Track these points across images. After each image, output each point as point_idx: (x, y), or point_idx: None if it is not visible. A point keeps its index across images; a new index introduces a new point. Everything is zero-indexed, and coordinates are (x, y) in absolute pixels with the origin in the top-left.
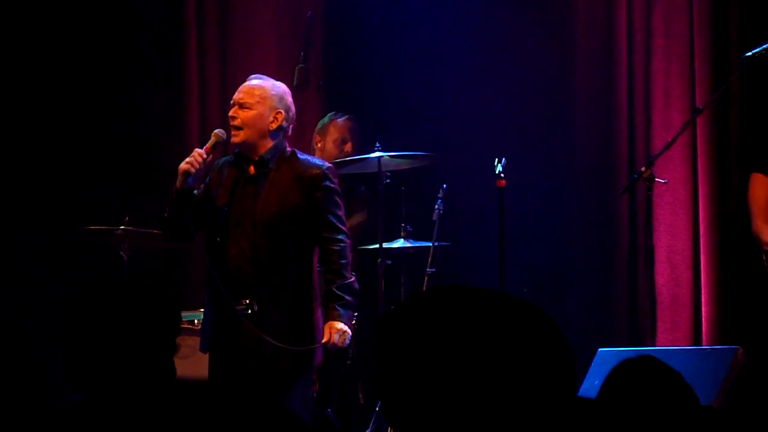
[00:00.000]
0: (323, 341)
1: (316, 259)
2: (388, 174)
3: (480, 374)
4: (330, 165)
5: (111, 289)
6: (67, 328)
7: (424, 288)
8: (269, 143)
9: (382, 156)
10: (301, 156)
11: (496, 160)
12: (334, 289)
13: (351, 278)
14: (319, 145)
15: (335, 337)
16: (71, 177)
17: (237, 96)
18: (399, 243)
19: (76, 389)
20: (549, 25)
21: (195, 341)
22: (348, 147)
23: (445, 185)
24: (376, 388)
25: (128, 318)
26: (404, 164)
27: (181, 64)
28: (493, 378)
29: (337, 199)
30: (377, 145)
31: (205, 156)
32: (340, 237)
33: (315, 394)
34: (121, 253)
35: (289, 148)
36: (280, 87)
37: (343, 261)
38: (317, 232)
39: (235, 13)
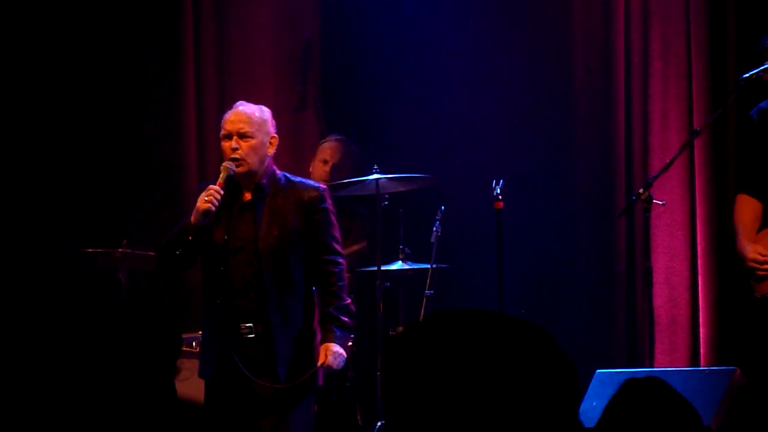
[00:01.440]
0: (319, 363)
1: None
2: (386, 196)
3: (485, 395)
4: (325, 186)
5: (113, 311)
6: (67, 349)
7: (423, 310)
8: (265, 168)
9: (380, 178)
10: (294, 179)
11: (494, 182)
12: (332, 311)
13: (348, 300)
14: (311, 168)
15: (330, 359)
16: (69, 200)
17: (234, 126)
18: (397, 265)
19: (77, 409)
20: (547, 47)
21: (193, 363)
22: (327, 167)
23: (443, 207)
24: (384, 412)
25: (130, 340)
26: (402, 186)
27: (178, 88)
28: (498, 399)
29: (334, 219)
30: (375, 167)
31: (222, 192)
32: (337, 259)
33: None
34: (119, 276)
35: (278, 172)
36: (267, 110)
37: (340, 283)
38: (315, 253)
39: (233, 36)
